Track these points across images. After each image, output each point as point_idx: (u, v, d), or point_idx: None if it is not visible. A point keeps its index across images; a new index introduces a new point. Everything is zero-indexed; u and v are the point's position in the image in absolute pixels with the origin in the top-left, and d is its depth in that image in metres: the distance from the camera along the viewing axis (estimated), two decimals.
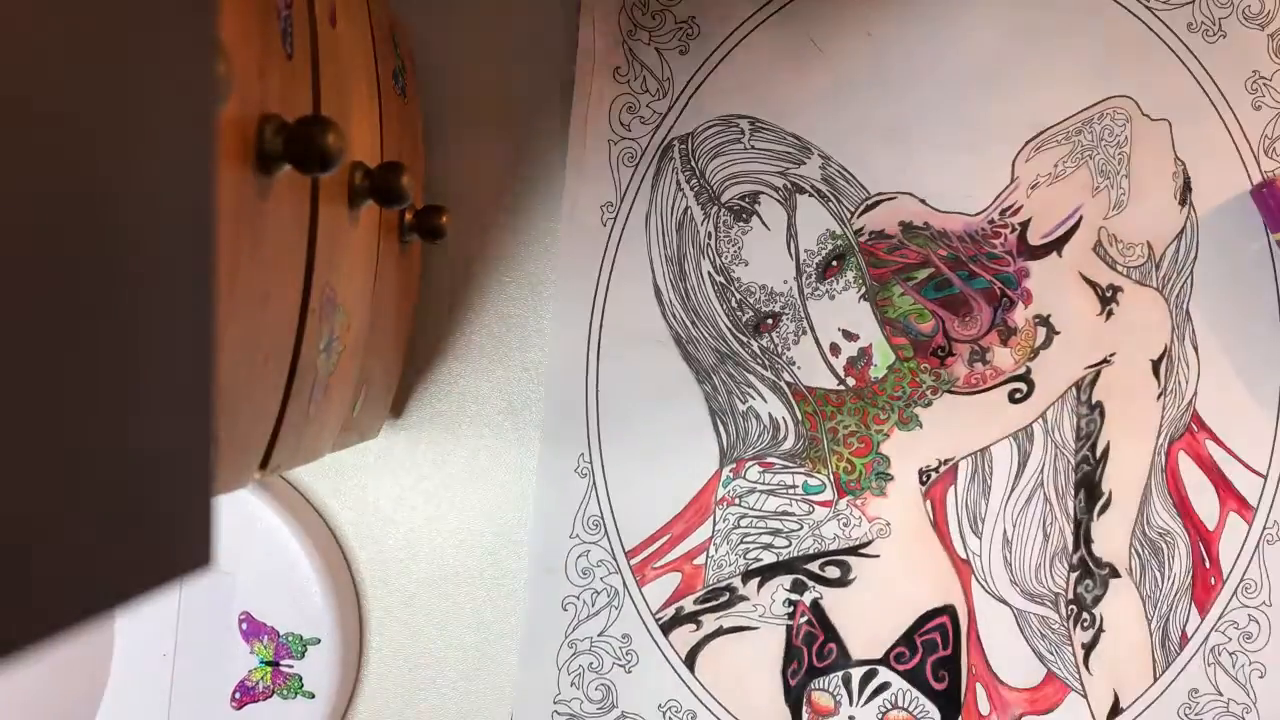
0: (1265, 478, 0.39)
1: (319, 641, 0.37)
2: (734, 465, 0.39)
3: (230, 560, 0.37)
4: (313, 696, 0.38)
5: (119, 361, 0.13)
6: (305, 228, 0.21)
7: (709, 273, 0.39)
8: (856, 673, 0.39)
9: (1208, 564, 0.39)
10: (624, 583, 0.39)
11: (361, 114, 0.27)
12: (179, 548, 0.15)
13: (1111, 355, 0.39)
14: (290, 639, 0.37)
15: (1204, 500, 0.39)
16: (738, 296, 0.39)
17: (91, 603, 0.13)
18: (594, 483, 0.39)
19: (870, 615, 0.39)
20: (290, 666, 0.37)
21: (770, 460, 0.39)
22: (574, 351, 0.39)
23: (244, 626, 0.37)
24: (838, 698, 0.39)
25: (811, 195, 0.39)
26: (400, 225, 0.31)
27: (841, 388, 0.39)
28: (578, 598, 0.39)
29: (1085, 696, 0.39)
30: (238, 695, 0.38)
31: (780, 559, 0.39)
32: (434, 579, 0.40)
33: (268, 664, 0.37)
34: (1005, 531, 0.38)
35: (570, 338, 0.39)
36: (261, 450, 0.21)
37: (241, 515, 0.37)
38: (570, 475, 0.39)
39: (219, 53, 0.15)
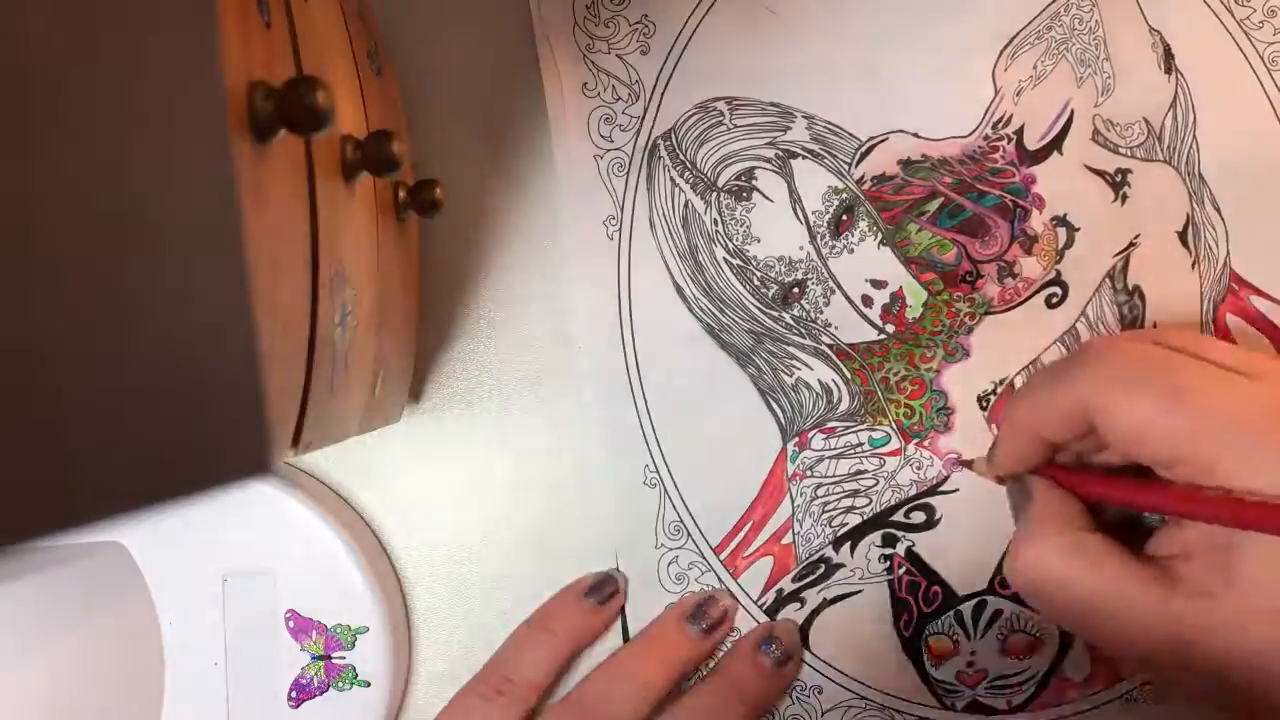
0: None
1: (367, 630, 0.37)
2: (797, 439, 0.39)
3: (269, 560, 0.37)
4: (368, 685, 0.38)
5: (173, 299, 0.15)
6: (305, 198, 0.22)
7: (724, 258, 0.39)
8: (966, 608, 0.39)
9: None
10: (719, 578, 0.39)
11: (343, 88, 0.27)
12: (237, 450, 0.16)
13: (1136, 238, 0.39)
14: (339, 630, 0.37)
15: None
16: (758, 274, 0.39)
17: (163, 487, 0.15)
18: (665, 490, 0.39)
19: (965, 549, 0.39)
20: (342, 658, 0.37)
21: (831, 425, 0.39)
22: (615, 370, 0.39)
23: (291, 624, 0.37)
24: (954, 637, 0.39)
25: (805, 157, 0.39)
26: (395, 202, 0.31)
27: (883, 336, 0.39)
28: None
29: None
30: (294, 694, 0.38)
31: (865, 518, 0.39)
32: (473, 557, 0.40)
33: (319, 658, 0.37)
34: None
35: (608, 358, 0.39)
36: (292, 426, 0.21)
37: (274, 514, 0.37)
38: (640, 489, 0.39)
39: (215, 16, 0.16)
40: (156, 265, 0.14)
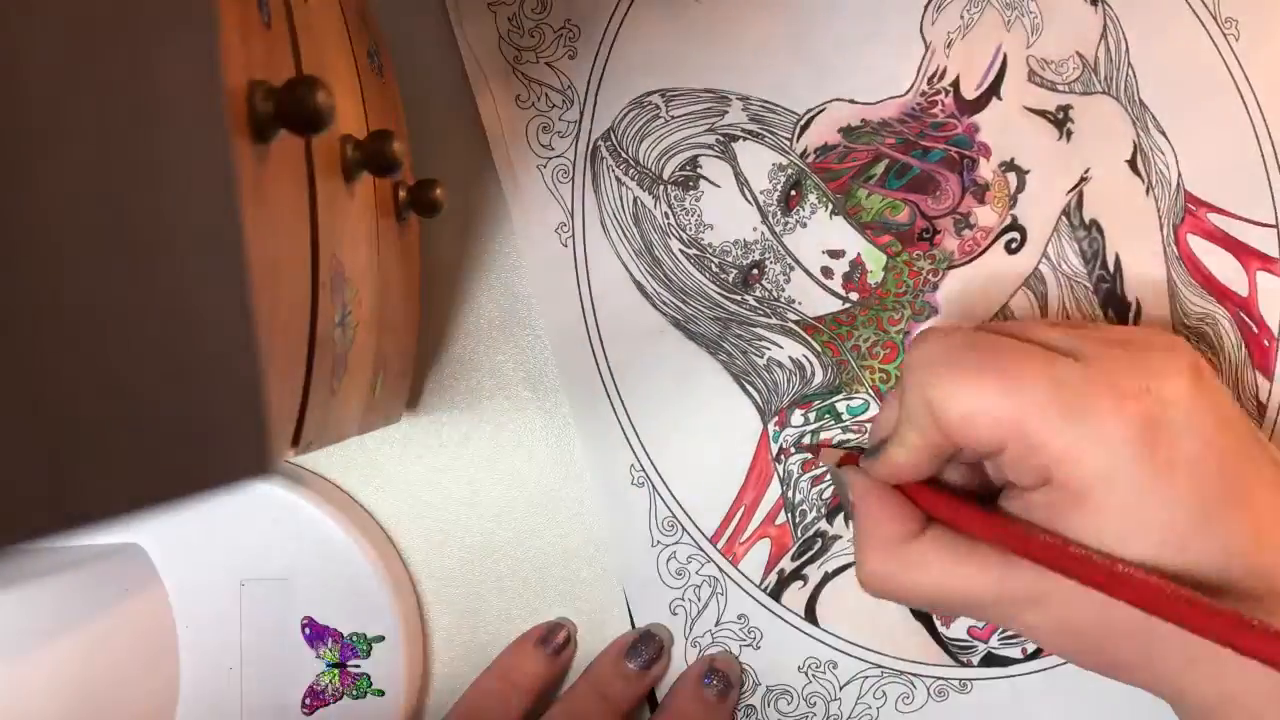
0: (1277, 226, 0.38)
1: (383, 639, 0.37)
2: (776, 418, 0.39)
3: (287, 565, 0.37)
4: (382, 694, 0.38)
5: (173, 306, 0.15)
6: (305, 198, 0.22)
7: (680, 250, 0.39)
8: None
9: (1256, 329, 0.38)
10: (719, 568, 0.39)
11: (343, 88, 0.27)
12: (237, 450, 0.16)
13: (1087, 172, 0.38)
14: (355, 639, 0.37)
15: (1228, 271, 0.38)
16: (716, 261, 0.39)
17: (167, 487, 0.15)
18: (653, 487, 0.39)
19: None
20: (357, 666, 0.37)
21: (808, 399, 0.39)
22: (587, 376, 0.39)
23: (307, 632, 0.37)
24: None
25: (746, 139, 0.39)
26: (395, 202, 0.30)
27: (848, 305, 0.39)
28: (682, 597, 0.39)
29: None
30: (307, 701, 0.37)
31: None
32: (480, 558, 0.40)
33: (334, 666, 0.37)
34: None
35: (579, 366, 0.39)
36: (292, 426, 0.21)
37: (291, 521, 0.37)
38: (628, 490, 0.39)
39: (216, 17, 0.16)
40: (156, 265, 0.14)
